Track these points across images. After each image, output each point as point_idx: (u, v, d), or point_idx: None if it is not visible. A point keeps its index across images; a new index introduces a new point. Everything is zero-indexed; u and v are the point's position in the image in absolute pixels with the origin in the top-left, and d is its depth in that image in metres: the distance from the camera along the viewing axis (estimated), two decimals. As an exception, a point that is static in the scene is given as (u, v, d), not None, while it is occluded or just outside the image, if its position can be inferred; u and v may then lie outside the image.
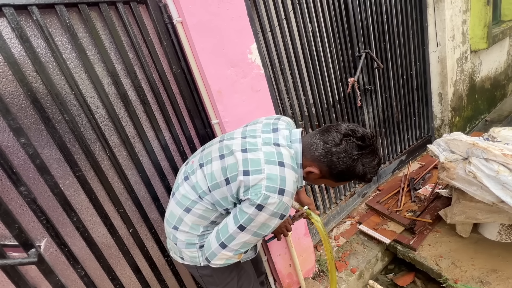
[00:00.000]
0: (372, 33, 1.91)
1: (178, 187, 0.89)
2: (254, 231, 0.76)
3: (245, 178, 0.74)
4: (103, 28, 0.98)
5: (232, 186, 0.77)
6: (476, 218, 1.46)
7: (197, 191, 0.83)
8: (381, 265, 1.75)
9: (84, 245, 0.97)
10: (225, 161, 0.80)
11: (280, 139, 0.82)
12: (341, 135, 0.77)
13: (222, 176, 0.79)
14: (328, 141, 0.77)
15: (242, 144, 0.82)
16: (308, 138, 0.82)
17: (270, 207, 0.72)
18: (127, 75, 1.03)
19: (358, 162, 0.77)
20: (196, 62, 1.12)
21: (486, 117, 3.13)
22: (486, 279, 1.36)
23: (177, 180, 0.95)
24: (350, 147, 0.76)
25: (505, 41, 3.15)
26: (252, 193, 0.72)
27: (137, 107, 1.07)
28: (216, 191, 0.80)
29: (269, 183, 0.72)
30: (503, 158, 1.28)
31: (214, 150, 0.86)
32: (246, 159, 0.77)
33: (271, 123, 0.89)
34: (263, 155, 0.77)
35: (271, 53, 1.43)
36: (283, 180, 0.74)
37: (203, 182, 0.82)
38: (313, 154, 0.80)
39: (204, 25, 1.08)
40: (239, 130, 0.91)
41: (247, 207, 0.73)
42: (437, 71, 2.44)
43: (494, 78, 3.15)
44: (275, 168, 0.75)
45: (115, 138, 1.03)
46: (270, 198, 0.72)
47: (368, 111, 2.01)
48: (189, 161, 0.96)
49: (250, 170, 0.74)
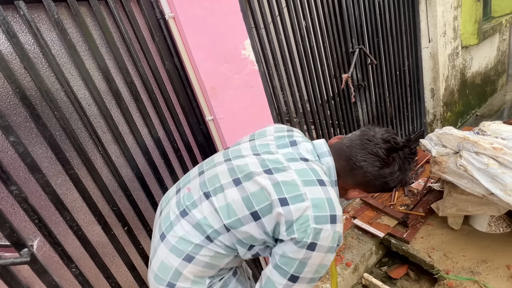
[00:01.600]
0: (366, 29, 1.92)
1: (171, 226, 0.67)
2: (309, 277, 0.61)
3: (285, 210, 0.58)
4: (93, 24, 0.96)
5: (264, 222, 0.61)
6: (467, 210, 1.50)
7: (204, 231, 0.64)
8: (375, 258, 1.78)
9: (78, 244, 0.96)
10: (245, 188, 0.64)
11: (304, 153, 0.69)
12: (386, 150, 0.64)
13: (245, 209, 0.62)
14: (374, 161, 0.64)
15: (261, 163, 0.66)
16: (337, 155, 0.69)
17: (324, 243, 0.58)
18: (119, 71, 1.02)
19: (408, 173, 0.68)
20: (189, 58, 1.11)
21: (477, 112, 3.19)
22: (477, 270, 1.39)
23: (165, 214, 0.72)
24: (402, 162, 0.66)
25: (495, 37, 3.20)
26: (298, 230, 0.57)
27: (129, 104, 1.05)
28: (239, 230, 0.62)
29: (316, 211, 0.58)
30: (493, 151, 1.31)
31: (222, 174, 0.69)
32: (277, 183, 0.61)
33: (285, 136, 0.75)
34: (296, 174, 0.62)
35: (265, 49, 1.42)
36: (331, 204, 0.60)
37: (215, 219, 0.64)
38: (358, 180, 0.67)
39: (196, 21, 1.07)
40: (245, 145, 0.76)
41: (295, 251, 0.58)
42: (429, 67, 2.47)
43: (485, 73, 3.20)
44: (317, 189, 0.60)
45: (108, 135, 1.02)
46: (323, 231, 0.57)
47: (362, 107, 2.03)
48: (181, 188, 0.75)
49: (288, 197, 0.59)
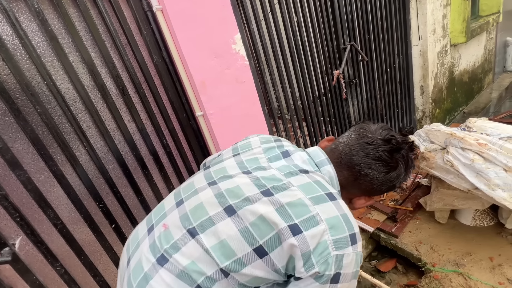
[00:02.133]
0: (357, 26, 1.92)
1: (146, 281, 0.52)
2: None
3: (299, 241, 0.47)
4: (76, 15, 0.92)
5: (273, 258, 0.49)
6: (453, 204, 1.53)
7: (193, 281, 0.50)
8: (365, 252, 1.81)
9: (63, 242, 0.94)
10: (242, 218, 0.52)
11: (301, 164, 0.60)
12: (389, 152, 0.58)
13: (247, 245, 0.50)
14: (380, 167, 0.58)
15: (256, 184, 0.55)
16: (337, 164, 0.61)
17: (348, 270, 0.49)
18: (104, 65, 0.99)
19: (412, 170, 0.64)
20: (178, 52, 1.09)
21: (464, 109, 3.27)
22: (461, 262, 1.44)
23: (135, 264, 0.56)
24: (406, 161, 0.61)
25: (482, 35, 3.27)
26: (318, 262, 0.47)
27: (116, 98, 1.02)
28: (241, 273, 0.50)
29: (335, 234, 0.49)
30: (478, 147, 1.34)
31: (209, 202, 0.56)
32: (282, 207, 0.50)
33: (274, 146, 0.66)
34: (301, 192, 0.52)
35: (256, 44, 1.41)
36: (348, 221, 0.51)
37: (207, 263, 0.51)
38: (364, 187, 0.61)
39: (185, 14, 1.04)
40: (230, 162, 0.64)
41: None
42: (419, 64, 2.51)
43: (472, 71, 3.28)
44: (329, 206, 0.51)
45: (93, 131, 0.99)
46: (345, 256, 0.48)
47: (353, 103, 2.05)
48: (155, 224, 0.59)
49: (299, 223, 0.49)
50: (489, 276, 1.33)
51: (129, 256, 0.59)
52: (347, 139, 0.63)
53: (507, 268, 1.34)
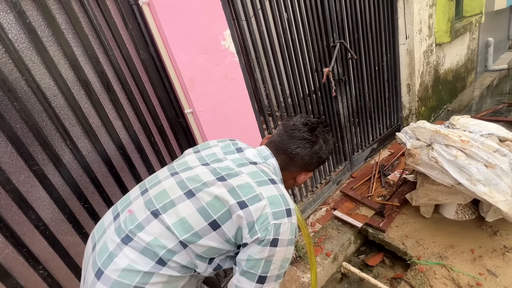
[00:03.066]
0: (346, 24, 1.94)
1: (111, 259, 0.58)
2: (276, 274, 0.62)
3: (245, 212, 0.59)
4: (57, 7, 0.88)
5: (225, 229, 0.61)
6: (437, 199, 1.59)
7: (155, 254, 0.58)
8: (354, 247, 1.85)
9: (45, 244, 0.90)
10: (199, 199, 0.62)
11: (251, 158, 0.73)
12: (308, 131, 0.75)
13: (203, 220, 0.60)
14: (305, 144, 0.74)
15: (212, 172, 0.66)
16: (275, 152, 0.76)
17: (284, 236, 0.61)
18: (88, 59, 0.95)
19: (330, 142, 0.80)
20: (165, 47, 1.06)
21: (448, 107, 3.38)
22: (445, 254, 1.49)
23: (100, 247, 0.62)
24: (324, 135, 0.77)
25: (465, 35, 3.38)
26: (260, 229, 0.59)
27: (101, 95, 0.99)
28: (197, 244, 0.60)
29: (274, 208, 0.61)
30: (461, 144, 1.39)
31: (171, 188, 0.65)
32: (233, 188, 0.62)
33: (230, 144, 0.79)
34: (248, 177, 0.65)
35: (246, 40, 1.39)
36: (285, 199, 0.64)
37: (168, 238, 0.59)
38: (299, 164, 0.75)
39: (173, 8, 1.02)
40: (190, 157, 0.75)
41: (260, 251, 0.59)
42: (406, 63, 2.57)
43: (456, 70, 3.38)
44: (270, 188, 0.64)
45: (77, 128, 0.95)
46: (282, 225, 0.60)
47: (342, 101, 2.07)
48: (120, 212, 0.66)
49: (246, 200, 0.60)
50: (471, 268, 1.39)
51: (95, 243, 0.65)
52: (278, 131, 0.79)
53: (487, 259, 1.41)
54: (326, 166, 2.08)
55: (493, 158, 1.32)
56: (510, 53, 4.87)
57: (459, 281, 1.34)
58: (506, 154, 1.35)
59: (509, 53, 4.88)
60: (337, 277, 1.69)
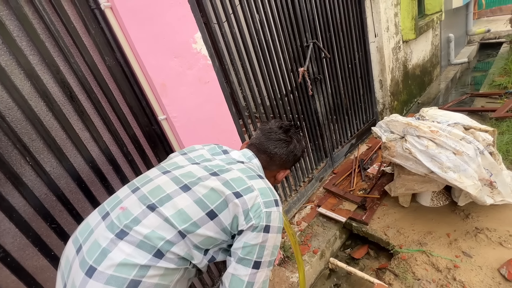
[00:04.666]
0: (318, 24, 1.98)
1: (104, 255, 0.57)
2: (268, 260, 0.67)
3: (241, 201, 0.65)
4: (7, 13, 0.81)
5: (222, 218, 0.65)
6: (414, 189, 1.66)
7: (153, 247, 0.59)
8: (339, 242, 1.88)
9: (7, 272, 0.82)
10: (196, 192, 0.66)
11: (237, 158, 0.80)
12: (283, 132, 0.83)
13: (200, 211, 0.64)
14: (281, 144, 0.82)
15: (204, 168, 0.72)
16: (257, 153, 0.83)
17: (275, 223, 0.67)
18: (46, 68, 0.88)
19: (302, 142, 0.90)
20: (133, 52, 1.01)
21: (418, 100, 3.57)
22: (424, 241, 1.56)
23: (90, 246, 0.60)
24: (296, 136, 0.87)
25: (429, 32, 3.60)
26: (254, 216, 0.65)
27: (63, 105, 0.92)
28: (195, 233, 0.63)
29: (264, 198, 0.67)
30: (431, 134, 1.46)
31: (166, 184, 0.68)
32: (227, 181, 0.67)
33: (215, 147, 0.85)
34: (239, 172, 0.71)
35: (218, 43, 1.38)
36: (272, 191, 0.71)
37: (166, 229, 0.61)
38: (278, 163, 0.84)
39: (138, 12, 0.98)
40: (179, 158, 0.78)
41: (255, 237, 0.64)
42: (377, 60, 2.68)
43: (423, 65, 3.59)
44: (259, 181, 0.71)
45: (38, 143, 0.88)
46: (272, 213, 0.67)
47: (319, 99, 2.11)
48: (110, 211, 0.65)
49: (240, 190, 0.66)
50: (448, 251, 1.46)
51: (79, 245, 0.63)
52: (256, 135, 0.87)
53: (462, 241, 1.48)
54: (308, 164, 2.11)
55: (460, 146, 1.41)
56: (469, 47, 5.26)
57: (438, 265, 1.40)
58: (471, 141, 1.44)
59: (468, 47, 5.27)
60: (325, 274, 1.71)
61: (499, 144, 2.04)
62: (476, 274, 1.31)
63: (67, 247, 0.67)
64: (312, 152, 2.15)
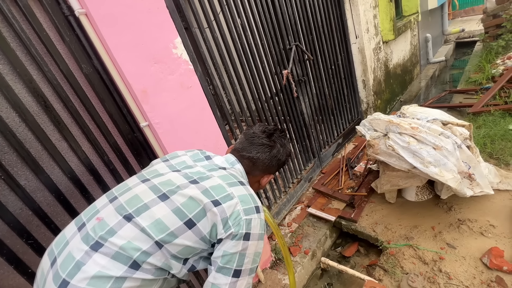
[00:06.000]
0: (300, 27, 2.02)
1: (78, 268, 0.55)
2: (249, 268, 0.66)
3: (219, 209, 0.63)
4: (-27, 21, 0.78)
5: (200, 227, 0.63)
6: (398, 184, 1.70)
7: (129, 258, 0.57)
8: (330, 241, 1.89)
9: (-20, 294, 0.77)
10: (174, 201, 0.64)
11: (220, 164, 0.78)
12: (266, 137, 0.82)
13: (178, 220, 0.62)
14: (264, 149, 0.81)
15: (184, 176, 0.70)
16: (240, 158, 0.82)
17: (255, 231, 0.66)
18: (17, 77, 0.85)
19: (287, 146, 0.88)
20: (111, 59, 0.99)
21: (400, 98, 3.68)
22: (410, 235, 1.59)
23: (64, 259, 0.58)
24: (280, 140, 0.85)
25: (407, 32, 3.73)
26: (233, 224, 0.63)
27: (38, 115, 0.89)
28: (173, 243, 0.61)
29: (244, 205, 0.66)
30: (411, 131, 1.50)
31: (144, 193, 0.66)
32: (206, 189, 0.66)
33: (198, 153, 0.84)
34: (220, 180, 0.70)
35: (200, 47, 1.37)
36: (253, 197, 0.70)
37: (142, 240, 0.59)
38: (261, 168, 0.82)
39: (115, 18, 0.96)
40: (160, 165, 0.77)
41: (234, 245, 0.63)
42: (359, 61, 2.74)
43: (403, 64, 3.71)
44: (240, 188, 0.69)
45: (10, 156, 0.84)
46: (252, 220, 0.65)
47: (304, 100, 2.14)
48: (86, 222, 0.64)
49: (219, 198, 0.65)
50: (433, 244, 1.50)
51: (54, 257, 0.61)
52: (240, 139, 0.86)
53: (446, 234, 1.53)
54: (296, 165, 2.12)
55: (439, 141, 1.46)
56: (446, 46, 5.50)
57: (424, 258, 1.44)
58: (449, 136, 1.49)
59: (445, 46, 5.51)
60: (317, 274, 1.71)
61: (476, 137, 2.13)
62: (460, 264, 1.36)
63: (43, 259, 0.65)
64: (300, 153, 2.17)
